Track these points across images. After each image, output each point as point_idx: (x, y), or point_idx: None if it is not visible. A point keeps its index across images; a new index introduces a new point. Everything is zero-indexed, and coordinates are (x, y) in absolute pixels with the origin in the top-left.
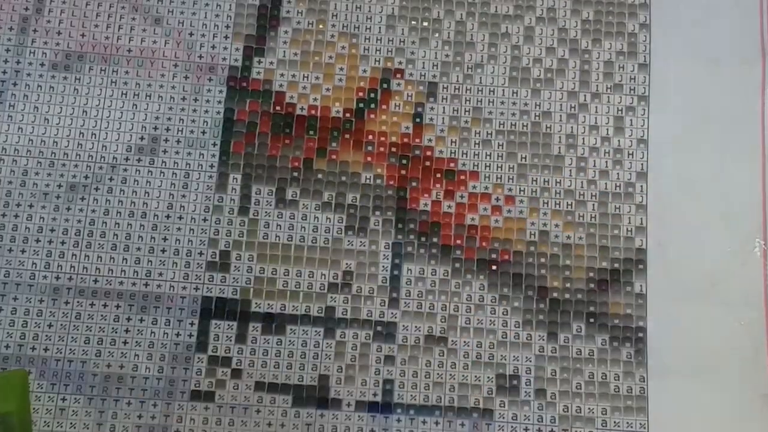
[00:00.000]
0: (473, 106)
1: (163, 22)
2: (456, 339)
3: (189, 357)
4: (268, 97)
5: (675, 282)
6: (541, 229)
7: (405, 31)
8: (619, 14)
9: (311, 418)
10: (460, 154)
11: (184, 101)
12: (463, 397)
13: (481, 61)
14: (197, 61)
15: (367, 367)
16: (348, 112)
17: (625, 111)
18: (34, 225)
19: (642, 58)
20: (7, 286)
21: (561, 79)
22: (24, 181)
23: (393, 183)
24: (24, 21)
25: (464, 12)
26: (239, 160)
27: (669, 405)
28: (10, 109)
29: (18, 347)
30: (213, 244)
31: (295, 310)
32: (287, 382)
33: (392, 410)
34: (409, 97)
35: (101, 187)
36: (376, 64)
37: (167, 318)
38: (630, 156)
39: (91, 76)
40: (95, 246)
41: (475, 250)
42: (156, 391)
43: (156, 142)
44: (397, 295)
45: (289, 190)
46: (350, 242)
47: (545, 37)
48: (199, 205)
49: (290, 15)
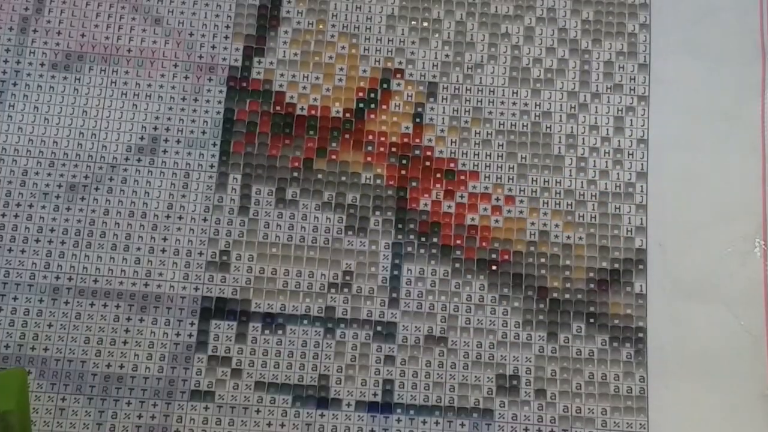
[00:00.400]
0: (473, 106)
1: (163, 22)
2: (456, 339)
3: (189, 357)
4: (268, 97)
5: (675, 282)
6: (541, 229)
7: (405, 31)
8: (619, 14)
9: (311, 418)
10: (460, 154)
11: (184, 101)
12: (463, 397)
13: (481, 61)
14: (197, 61)
15: (367, 367)
16: (348, 112)
17: (625, 111)
18: (34, 225)
19: (642, 58)
20: (7, 286)
21: (561, 79)
22: (24, 181)
23: (393, 183)
24: (24, 21)
25: (464, 12)
26: (239, 160)
27: (669, 405)
28: (10, 109)
29: (18, 347)
30: (213, 244)
31: (295, 309)
32: (287, 382)
33: (392, 410)
34: (409, 97)
35: (101, 187)
36: (376, 64)
37: (167, 318)
38: (630, 156)
39: (91, 76)
40: (95, 246)
41: (475, 250)
42: (156, 391)
43: (156, 142)
44: (397, 295)
45: (289, 190)
46: (350, 242)
47: (545, 37)
48: (199, 205)
49: (290, 15)
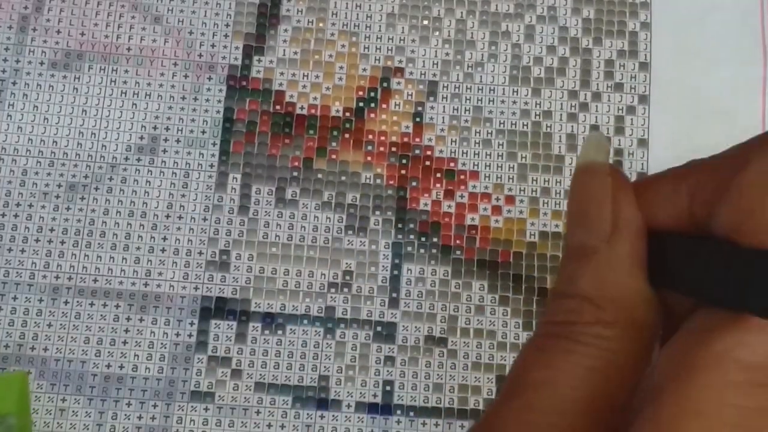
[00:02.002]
0: (473, 105)
1: (162, 21)
2: (456, 340)
3: (189, 357)
4: (267, 96)
5: None
6: (541, 230)
7: (405, 29)
8: (620, 13)
9: (311, 419)
10: (460, 153)
11: (183, 100)
12: (462, 399)
13: (482, 59)
14: (197, 60)
15: (367, 367)
16: (348, 111)
17: (626, 111)
18: (33, 225)
19: (643, 57)
20: (6, 285)
21: (561, 78)
22: (24, 180)
23: (393, 183)
24: (24, 20)
25: (464, 10)
26: (239, 160)
27: None
28: (10, 108)
29: (18, 347)
30: (213, 243)
31: (295, 309)
32: (287, 382)
33: (392, 412)
34: (409, 96)
35: (101, 186)
36: (376, 63)
37: (167, 318)
38: (630, 156)
39: (91, 75)
40: (95, 246)
41: (475, 251)
42: (156, 392)
43: (156, 141)
44: (397, 295)
45: (288, 190)
46: (350, 242)
47: (546, 35)
48: (198, 204)
49: (290, 13)
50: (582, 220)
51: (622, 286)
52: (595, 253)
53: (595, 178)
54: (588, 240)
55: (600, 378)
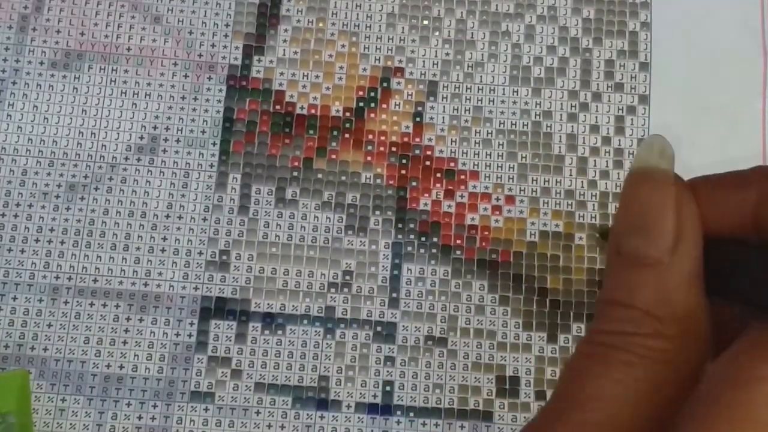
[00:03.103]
0: (473, 105)
1: (162, 21)
2: (456, 340)
3: (189, 357)
4: (267, 96)
5: None
6: (541, 230)
7: (405, 29)
8: (620, 13)
9: (311, 420)
10: (460, 153)
11: (183, 100)
12: (462, 399)
13: (482, 59)
14: (197, 60)
15: (367, 367)
16: (348, 111)
17: (626, 110)
18: (33, 225)
19: (643, 57)
20: (6, 285)
21: (562, 78)
22: (24, 180)
23: (393, 183)
24: (23, 20)
25: (465, 10)
26: (239, 160)
27: None
28: (10, 108)
29: (18, 347)
30: (213, 243)
31: (295, 309)
32: (287, 382)
33: (392, 412)
34: (409, 96)
35: (101, 186)
36: (376, 63)
37: (167, 318)
38: (631, 156)
39: (91, 75)
40: (95, 246)
41: (475, 250)
42: (156, 392)
43: (156, 141)
44: (397, 295)
45: (288, 190)
46: (350, 242)
47: (546, 35)
48: (198, 204)
49: (290, 13)
50: (641, 230)
51: (684, 301)
52: (656, 264)
53: (658, 188)
54: (647, 250)
55: (659, 392)
